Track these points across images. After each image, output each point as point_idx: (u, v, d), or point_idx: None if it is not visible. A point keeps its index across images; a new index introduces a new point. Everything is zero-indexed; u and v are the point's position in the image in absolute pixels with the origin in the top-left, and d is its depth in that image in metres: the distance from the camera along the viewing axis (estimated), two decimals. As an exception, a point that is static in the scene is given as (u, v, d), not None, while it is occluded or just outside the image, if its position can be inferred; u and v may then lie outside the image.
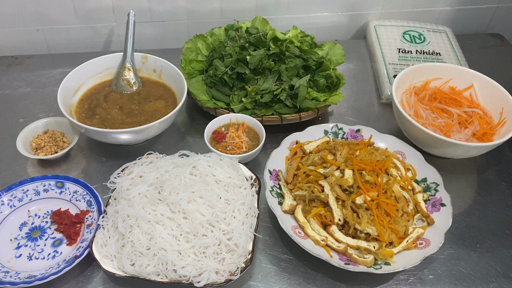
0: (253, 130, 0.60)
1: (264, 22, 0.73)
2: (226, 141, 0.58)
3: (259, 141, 0.58)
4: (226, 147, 0.58)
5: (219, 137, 0.58)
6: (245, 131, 0.59)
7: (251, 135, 0.59)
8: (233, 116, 0.60)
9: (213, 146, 0.57)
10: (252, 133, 0.60)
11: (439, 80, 0.67)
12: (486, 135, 0.61)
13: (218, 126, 0.60)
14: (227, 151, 0.57)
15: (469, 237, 0.54)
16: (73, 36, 0.79)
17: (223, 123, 0.61)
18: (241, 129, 0.59)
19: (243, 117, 0.60)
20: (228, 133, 0.59)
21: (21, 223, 0.52)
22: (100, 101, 0.63)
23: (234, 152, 0.57)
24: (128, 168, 0.55)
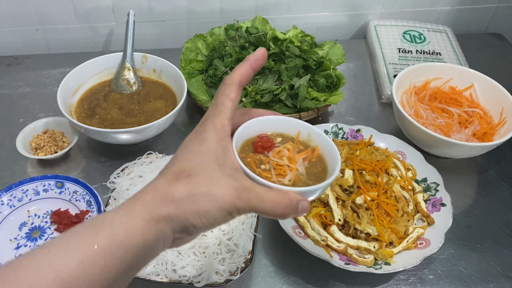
0: (323, 160, 0.32)
1: (264, 22, 0.73)
2: (267, 155, 0.31)
3: (324, 175, 0.31)
4: (260, 162, 0.30)
5: (262, 145, 0.31)
6: (310, 160, 0.32)
7: (315, 165, 0.32)
8: (304, 127, 0.33)
9: (245, 152, 0.31)
10: (318, 162, 0.32)
11: (439, 80, 0.67)
12: (487, 135, 0.61)
13: (272, 131, 0.33)
14: (258, 168, 0.30)
15: (469, 237, 0.54)
16: (72, 36, 0.79)
17: (282, 129, 0.33)
18: (305, 155, 0.32)
19: (319, 137, 0.33)
20: (279, 146, 0.32)
21: (21, 223, 0.52)
22: (100, 101, 0.63)
23: (268, 177, 0.29)
24: (128, 168, 0.55)
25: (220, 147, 0.26)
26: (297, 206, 0.26)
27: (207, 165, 0.26)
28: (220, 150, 0.26)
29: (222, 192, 0.25)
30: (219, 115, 0.27)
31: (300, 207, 0.26)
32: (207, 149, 0.26)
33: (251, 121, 0.31)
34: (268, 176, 0.28)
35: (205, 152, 0.26)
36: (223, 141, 0.27)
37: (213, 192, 0.25)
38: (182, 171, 0.25)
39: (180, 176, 0.25)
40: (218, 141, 0.26)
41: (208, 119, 0.28)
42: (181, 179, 0.25)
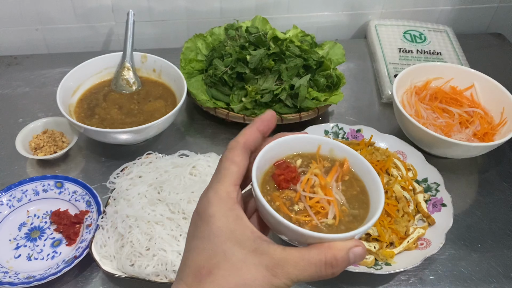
0: (355, 175, 0.26)
1: (264, 21, 0.72)
2: (296, 190, 0.25)
3: (365, 195, 0.26)
4: (291, 202, 0.25)
5: (284, 177, 0.25)
6: (343, 179, 0.26)
7: (351, 185, 0.26)
8: (324, 142, 0.27)
9: (268, 192, 0.25)
10: (353, 179, 0.26)
11: (440, 79, 0.67)
12: (487, 135, 0.61)
13: (287, 154, 0.27)
14: (292, 213, 0.24)
15: (470, 238, 0.53)
16: (72, 35, 0.79)
17: (299, 149, 0.27)
18: (336, 173, 0.26)
19: (342, 149, 0.27)
20: (305, 175, 0.26)
21: (20, 223, 0.52)
22: (100, 101, 0.63)
23: (307, 221, 0.24)
24: (128, 168, 0.54)
25: (231, 219, 0.22)
26: (348, 257, 0.22)
27: (226, 250, 0.21)
28: (232, 223, 0.22)
29: (255, 277, 0.21)
30: (222, 182, 0.23)
31: (352, 256, 0.22)
32: (218, 228, 0.22)
33: (262, 152, 0.25)
34: (306, 221, 0.24)
35: (217, 233, 0.22)
36: (233, 211, 0.22)
37: (244, 281, 0.21)
38: (200, 269, 0.22)
39: (200, 276, 0.21)
40: (227, 214, 0.22)
41: (211, 188, 0.23)
42: (203, 280, 0.21)
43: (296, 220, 0.24)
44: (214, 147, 0.63)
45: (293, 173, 0.25)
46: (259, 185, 0.24)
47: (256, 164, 0.24)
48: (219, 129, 0.66)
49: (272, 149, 0.26)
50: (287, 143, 0.27)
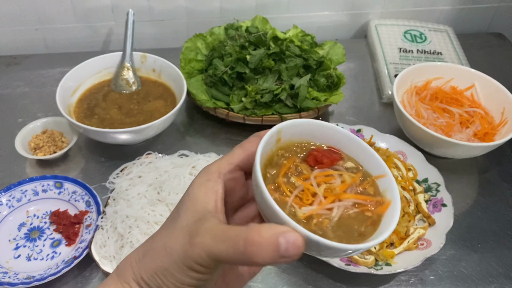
0: (377, 220, 0.23)
1: (264, 21, 0.72)
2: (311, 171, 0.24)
3: (361, 238, 0.22)
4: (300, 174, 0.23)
5: (319, 155, 0.24)
6: (363, 212, 0.23)
7: (358, 220, 0.23)
8: (385, 172, 0.24)
9: (274, 174, 0.23)
10: (368, 219, 0.23)
11: (440, 79, 0.67)
12: (488, 135, 0.60)
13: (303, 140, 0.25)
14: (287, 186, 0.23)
15: (470, 238, 0.53)
16: (72, 35, 0.79)
17: (320, 139, 0.25)
18: (361, 200, 0.23)
19: (393, 192, 0.24)
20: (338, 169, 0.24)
21: (20, 223, 0.52)
22: (99, 101, 0.63)
23: (284, 198, 0.22)
24: (127, 168, 0.54)
25: (202, 188, 0.21)
26: (275, 241, 0.17)
27: (180, 215, 0.21)
28: (201, 193, 0.21)
29: (175, 242, 0.19)
30: (220, 160, 0.23)
31: (283, 241, 0.17)
32: (186, 195, 0.22)
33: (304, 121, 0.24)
34: (283, 198, 0.21)
35: (183, 200, 0.22)
36: (209, 181, 0.22)
37: (167, 244, 0.19)
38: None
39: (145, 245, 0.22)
40: (201, 183, 0.22)
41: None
42: (145, 243, 0.22)
43: (278, 196, 0.22)
44: (214, 147, 0.63)
45: (334, 157, 0.23)
46: (262, 166, 0.22)
47: (262, 143, 0.22)
48: (219, 129, 0.66)
49: (290, 127, 0.24)
50: (304, 127, 0.24)
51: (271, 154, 0.24)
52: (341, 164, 0.24)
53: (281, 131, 0.24)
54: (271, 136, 0.23)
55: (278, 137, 0.24)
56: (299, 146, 0.25)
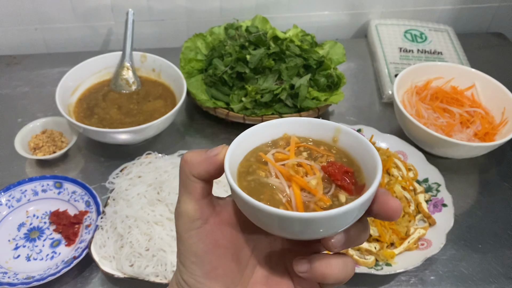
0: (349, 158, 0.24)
1: (264, 21, 0.72)
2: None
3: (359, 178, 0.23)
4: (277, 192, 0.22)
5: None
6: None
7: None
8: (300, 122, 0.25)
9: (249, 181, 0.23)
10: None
11: (441, 79, 0.67)
12: (488, 135, 0.60)
13: (262, 143, 0.25)
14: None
15: (471, 238, 0.53)
16: (71, 35, 0.79)
17: (277, 135, 0.25)
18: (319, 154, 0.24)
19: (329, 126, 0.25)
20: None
21: (20, 223, 0.52)
22: (99, 101, 0.63)
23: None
24: (127, 168, 0.54)
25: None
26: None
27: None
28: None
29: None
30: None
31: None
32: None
33: (235, 142, 0.24)
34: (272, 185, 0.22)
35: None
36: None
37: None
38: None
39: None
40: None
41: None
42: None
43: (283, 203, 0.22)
44: (213, 147, 0.63)
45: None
46: (234, 177, 0.23)
47: (229, 154, 0.23)
48: (218, 129, 0.66)
49: (245, 138, 0.24)
50: (260, 131, 0.25)
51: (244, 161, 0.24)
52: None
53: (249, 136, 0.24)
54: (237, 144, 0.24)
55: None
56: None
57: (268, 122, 0.25)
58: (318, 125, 0.25)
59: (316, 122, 0.25)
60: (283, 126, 0.25)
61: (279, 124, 0.25)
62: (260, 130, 0.25)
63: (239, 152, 0.24)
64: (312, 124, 0.25)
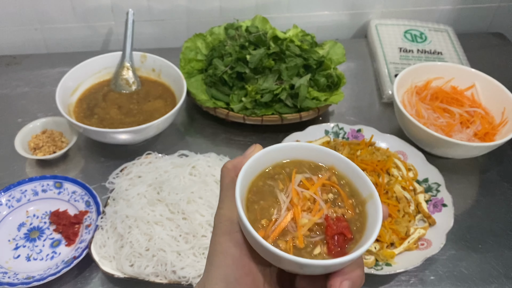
0: (352, 186, 0.25)
1: (264, 21, 0.72)
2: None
3: (362, 229, 0.23)
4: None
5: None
6: (331, 191, 0.24)
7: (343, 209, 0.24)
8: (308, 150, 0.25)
9: (255, 209, 0.24)
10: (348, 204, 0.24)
11: (441, 79, 0.67)
12: (488, 135, 0.60)
13: (272, 163, 0.25)
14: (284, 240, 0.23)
15: (471, 238, 0.53)
16: (71, 35, 0.79)
17: (285, 157, 0.25)
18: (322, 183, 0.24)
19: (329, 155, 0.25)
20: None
21: (20, 223, 0.52)
22: (99, 101, 0.63)
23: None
24: (127, 168, 0.54)
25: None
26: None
27: None
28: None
29: None
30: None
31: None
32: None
33: (244, 169, 0.24)
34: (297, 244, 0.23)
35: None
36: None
37: None
38: None
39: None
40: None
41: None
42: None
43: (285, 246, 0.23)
44: (214, 147, 0.63)
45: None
46: (244, 207, 0.24)
47: (239, 184, 0.23)
48: (219, 129, 0.66)
49: (254, 162, 0.25)
50: (270, 154, 0.26)
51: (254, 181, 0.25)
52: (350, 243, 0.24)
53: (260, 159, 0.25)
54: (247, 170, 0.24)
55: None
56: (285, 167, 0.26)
57: (309, 145, 0.26)
58: (358, 177, 0.26)
59: (356, 175, 0.25)
60: (330, 157, 0.26)
61: (327, 152, 0.26)
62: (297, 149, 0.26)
63: (259, 164, 0.26)
64: (353, 171, 0.26)
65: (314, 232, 0.23)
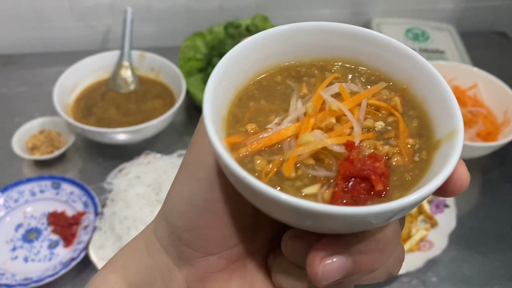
0: (426, 119, 0.16)
1: (264, 19, 0.71)
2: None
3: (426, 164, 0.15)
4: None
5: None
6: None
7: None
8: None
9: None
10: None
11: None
12: (491, 135, 0.60)
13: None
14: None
15: (473, 239, 0.53)
16: (69, 34, 0.78)
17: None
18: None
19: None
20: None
21: (17, 224, 0.51)
22: (97, 100, 0.62)
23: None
24: (126, 169, 0.54)
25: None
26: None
27: None
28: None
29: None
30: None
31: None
32: None
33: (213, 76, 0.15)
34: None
35: None
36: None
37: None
38: None
39: None
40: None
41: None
42: None
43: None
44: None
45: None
46: (227, 106, 0.15)
47: (208, 102, 0.14)
48: (218, 129, 0.65)
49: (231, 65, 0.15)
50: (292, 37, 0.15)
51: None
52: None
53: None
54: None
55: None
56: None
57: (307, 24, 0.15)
58: (442, 104, 0.14)
59: (442, 100, 0.14)
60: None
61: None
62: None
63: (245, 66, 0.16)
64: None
65: (322, 164, 0.14)
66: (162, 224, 0.18)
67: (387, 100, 0.16)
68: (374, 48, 0.16)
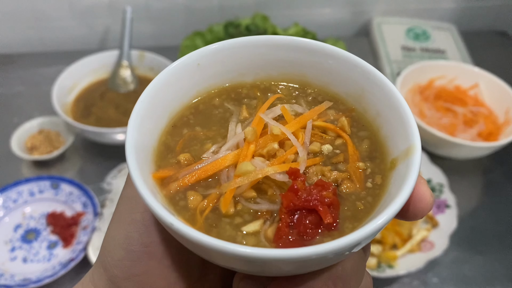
0: (378, 138, 0.16)
1: (264, 19, 0.71)
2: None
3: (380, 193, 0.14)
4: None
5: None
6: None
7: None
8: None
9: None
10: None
11: (444, 78, 0.66)
12: (492, 134, 0.59)
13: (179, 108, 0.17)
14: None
15: (474, 239, 0.52)
16: (68, 33, 0.78)
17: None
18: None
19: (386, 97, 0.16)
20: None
21: (16, 225, 0.51)
22: (96, 100, 0.62)
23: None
24: (125, 169, 0.53)
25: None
26: None
27: None
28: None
29: None
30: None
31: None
32: None
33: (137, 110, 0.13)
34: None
35: None
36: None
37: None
38: None
39: None
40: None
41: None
42: None
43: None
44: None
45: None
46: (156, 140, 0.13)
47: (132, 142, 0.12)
48: (218, 129, 0.65)
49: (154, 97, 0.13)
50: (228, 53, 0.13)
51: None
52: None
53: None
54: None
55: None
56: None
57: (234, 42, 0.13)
58: (398, 120, 0.13)
59: (397, 115, 0.12)
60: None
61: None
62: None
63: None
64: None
65: (265, 196, 0.13)
66: (100, 272, 0.17)
67: (334, 121, 0.15)
68: (319, 58, 0.15)
